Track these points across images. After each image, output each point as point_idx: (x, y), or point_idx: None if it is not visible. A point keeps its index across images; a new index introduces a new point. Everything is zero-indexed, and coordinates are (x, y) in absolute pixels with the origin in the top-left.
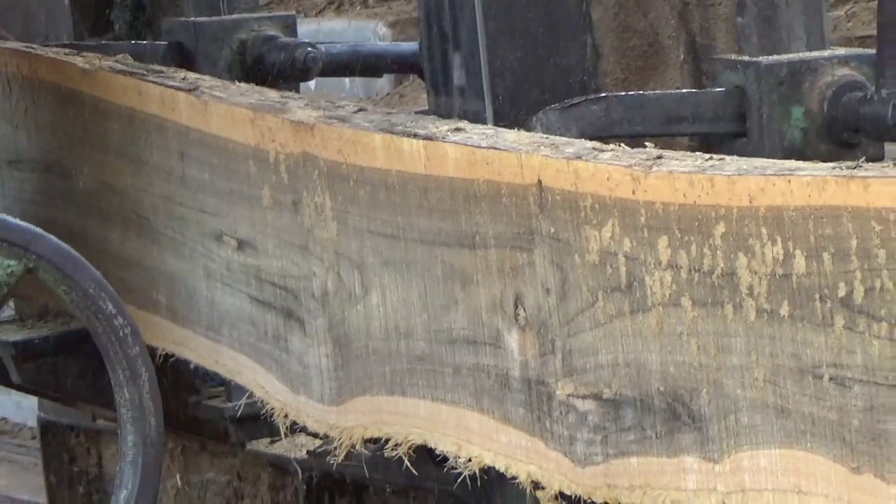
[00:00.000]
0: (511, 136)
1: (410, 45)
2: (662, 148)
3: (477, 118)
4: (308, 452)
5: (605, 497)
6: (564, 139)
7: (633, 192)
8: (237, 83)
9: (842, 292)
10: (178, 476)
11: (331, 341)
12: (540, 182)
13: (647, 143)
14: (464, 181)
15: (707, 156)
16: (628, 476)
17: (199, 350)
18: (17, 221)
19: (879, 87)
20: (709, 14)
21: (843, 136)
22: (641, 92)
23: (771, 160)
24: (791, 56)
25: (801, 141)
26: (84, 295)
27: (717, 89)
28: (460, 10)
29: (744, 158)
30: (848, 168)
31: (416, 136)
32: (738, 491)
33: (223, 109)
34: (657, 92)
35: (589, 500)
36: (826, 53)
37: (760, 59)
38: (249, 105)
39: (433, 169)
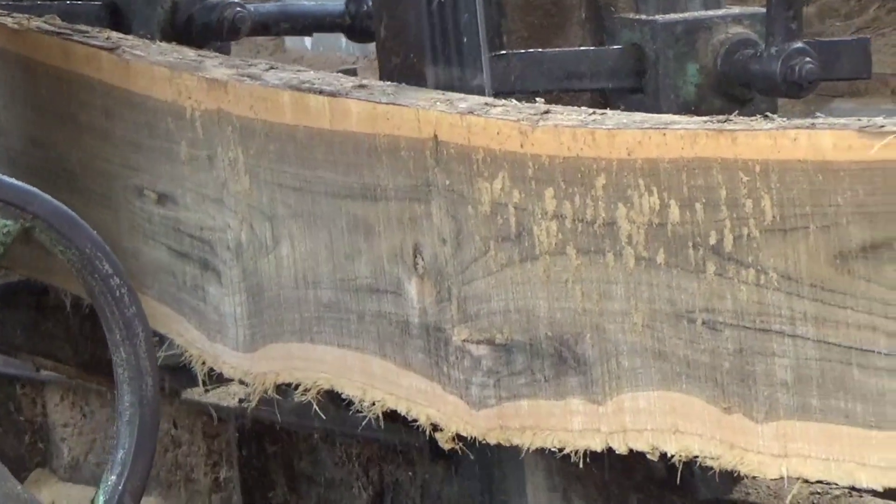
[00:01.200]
0: (411, 92)
1: (336, 5)
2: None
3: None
4: (240, 400)
5: (498, 438)
6: (459, 95)
7: (522, 146)
8: (158, 42)
9: (713, 240)
10: None
11: (244, 291)
12: (436, 136)
13: (537, 99)
14: (366, 136)
15: (591, 111)
16: (519, 418)
17: None
18: (14, 181)
19: (769, 45)
20: None
21: (736, 91)
22: (541, 49)
23: (650, 115)
24: (687, 14)
25: (695, 96)
26: (81, 255)
27: (615, 47)
28: None
29: (625, 113)
30: (718, 122)
31: (321, 92)
32: (620, 431)
33: (143, 68)
34: (556, 49)
35: (483, 441)
36: (721, 12)
37: (657, 17)
38: (167, 63)
39: (337, 124)
